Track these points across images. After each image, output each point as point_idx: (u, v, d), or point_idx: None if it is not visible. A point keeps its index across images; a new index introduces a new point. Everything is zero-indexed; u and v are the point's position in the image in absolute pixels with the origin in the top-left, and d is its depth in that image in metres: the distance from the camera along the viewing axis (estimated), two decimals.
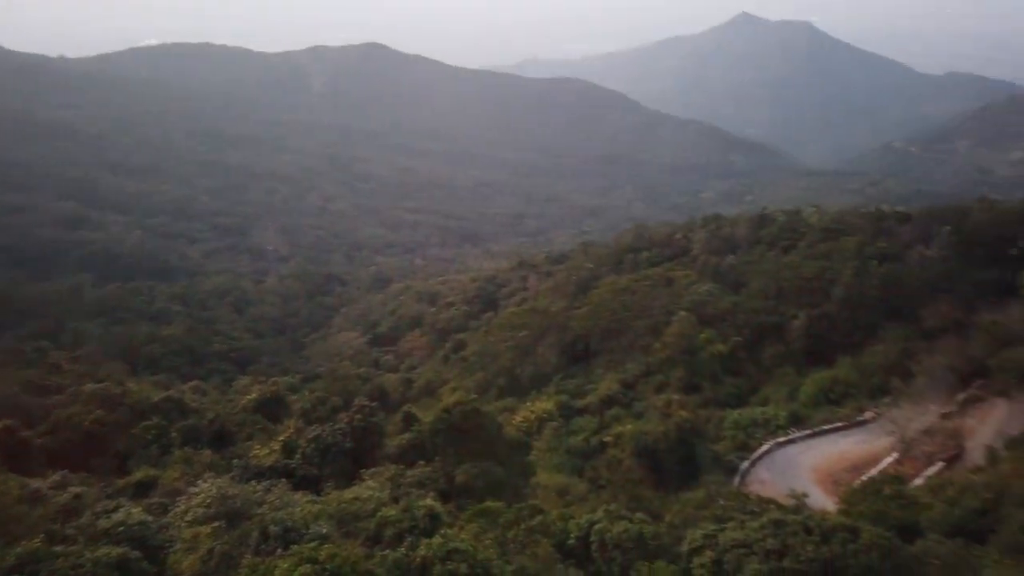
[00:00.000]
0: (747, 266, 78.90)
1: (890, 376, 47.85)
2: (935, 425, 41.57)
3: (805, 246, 79.29)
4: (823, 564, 17.74)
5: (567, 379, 69.52)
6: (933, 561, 19.20)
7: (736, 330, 62.68)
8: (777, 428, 45.06)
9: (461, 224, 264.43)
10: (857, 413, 45.57)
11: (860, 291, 61.20)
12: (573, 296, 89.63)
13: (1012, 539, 21.68)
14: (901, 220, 79.78)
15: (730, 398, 54.83)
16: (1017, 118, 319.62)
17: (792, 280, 67.77)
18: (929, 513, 25.79)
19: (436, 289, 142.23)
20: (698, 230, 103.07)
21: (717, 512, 24.44)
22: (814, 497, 31.98)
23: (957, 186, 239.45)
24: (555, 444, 47.63)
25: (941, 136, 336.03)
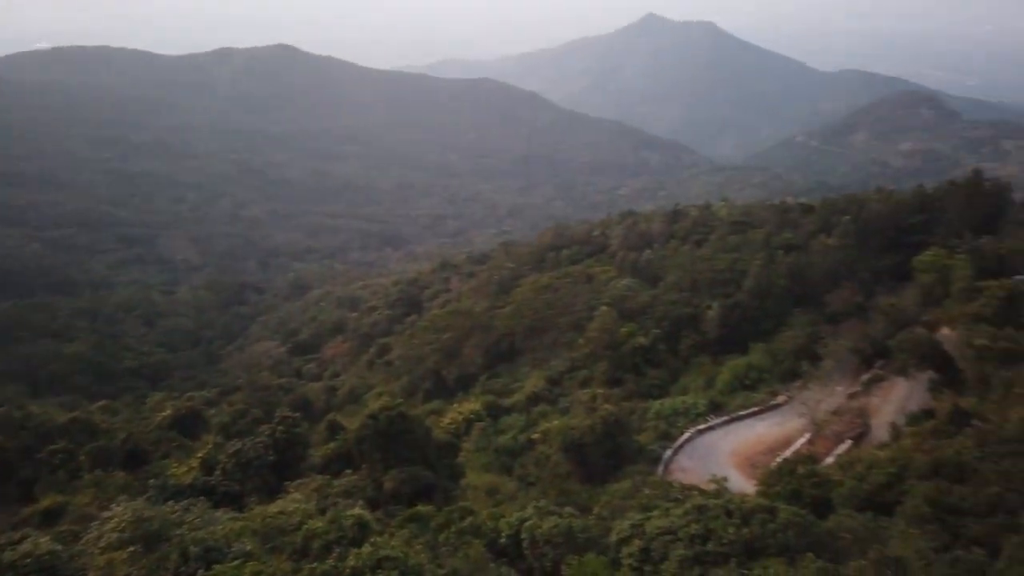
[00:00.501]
0: (663, 260, 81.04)
1: (799, 360, 50.07)
2: (842, 405, 43.81)
3: (716, 239, 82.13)
4: (744, 545, 18.44)
5: (493, 378, 69.70)
6: (845, 535, 20.21)
7: (655, 323, 64.24)
8: (697, 416, 46.45)
9: (381, 227, 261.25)
10: (771, 397, 47.48)
11: (769, 280, 63.79)
12: (496, 296, 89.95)
13: (915, 510, 23.05)
14: (804, 212, 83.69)
15: (652, 389, 56.18)
16: (906, 111, 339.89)
17: (705, 272, 70.00)
18: (840, 489, 27.13)
19: (358, 294, 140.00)
20: (615, 227, 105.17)
21: (643, 502, 25.05)
22: (734, 481, 33.16)
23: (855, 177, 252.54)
24: (484, 444, 47.69)
25: (839, 130, 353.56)
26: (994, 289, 47.47)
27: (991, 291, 47.40)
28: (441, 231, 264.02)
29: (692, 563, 17.73)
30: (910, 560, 17.34)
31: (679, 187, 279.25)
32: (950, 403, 35.48)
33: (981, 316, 45.76)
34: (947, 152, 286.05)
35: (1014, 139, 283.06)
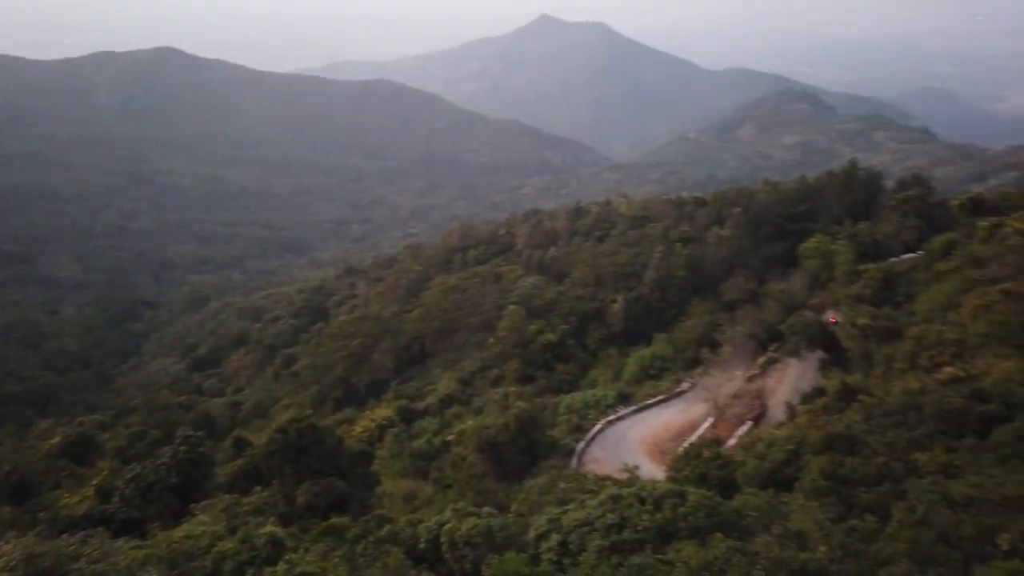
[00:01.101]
0: (568, 257, 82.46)
1: (700, 348, 52.14)
2: (742, 388, 45.90)
3: (618, 234, 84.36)
4: (658, 530, 19.05)
5: (405, 383, 69.06)
6: (750, 513, 21.18)
7: (563, 319, 65.32)
8: (607, 407, 47.54)
9: (281, 234, 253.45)
10: (675, 385, 49.16)
11: (668, 272, 66.04)
12: (404, 299, 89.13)
13: (812, 484, 24.42)
14: (699, 205, 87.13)
15: (563, 384, 57.11)
16: (787, 107, 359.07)
17: (609, 267, 71.76)
18: (743, 469, 28.40)
19: (260, 304, 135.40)
20: (520, 225, 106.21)
21: (559, 496, 25.44)
22: (644, 468, 34.16)
23: (743, 170, 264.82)
24: (398, 450, 47.20)
25: (727, 126, 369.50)
26: (872, 272, 50.90)
27: (870, 274, 50.81)
28: (345, 236, 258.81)
29: (609, 552, 18.15)
30: (810, 532, 18.37)
31: (580, 185, 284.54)
32: (838, 380, 37.72)
33: (862, 297, 48.99)
34: (825, 144, 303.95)
35: (884, 130, 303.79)
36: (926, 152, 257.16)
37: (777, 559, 14.90)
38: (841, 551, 16.95)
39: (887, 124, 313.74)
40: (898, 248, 58.94)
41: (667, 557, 16.68)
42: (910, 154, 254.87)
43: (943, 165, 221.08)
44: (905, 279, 50.93)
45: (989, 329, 37.46)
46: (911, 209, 63.12)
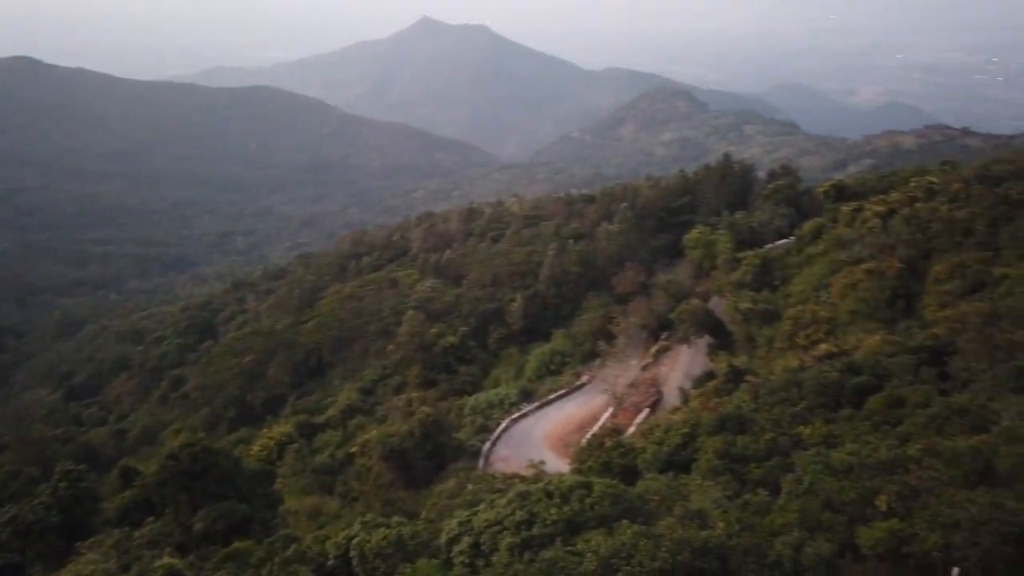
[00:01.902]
0: (464, 258, 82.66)
1: (597, 340, 53.52)
2: (638, 377, 47.48)
3: (512, 234, 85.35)
4: (567, 522, 19.44)
5: (304, 397, 67.20)
6: (652, 497, 21.96)
7: (463, 320, 65.43)
8: (511, 406, 48.03)
9: (161, 250, 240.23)
10: (575, 379, 50.26)
11: (562, 269, 67.43)
12: (298, 311, 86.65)
13: (708, 464, 25.60)
14: (587, 202, 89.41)
15: (466, 385, 57.21)
16: (664, 104, 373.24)
17: (505, 267, 72.48)
18: (644, 455, 29.40)
19: (141, 325, 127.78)
20: (414, 229, 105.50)
21: (468, 498, 25.49)
22: (550, 462, 34.75)
23: (627, 167, 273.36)
24: (300, 466, 45.85)
25: (609, 124, 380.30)
26: (751, 258, 53.81)
27: (748, 260, 53.70)
28: (230, 249, 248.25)
29: (521, 549, 18.37)
30: (709, 510, 19.28)
31: (472, 186, 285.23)
32: (726, 363, 39.70)
33: (743, 283, 51.72)
34: (700, 139, 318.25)
35: (753, 124, 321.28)
36: (792, 143, 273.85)
37: (680, 539, 15.54)
38: (738, 526, 17.85)
39: (756, 118, 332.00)
40: (772, 235, 62.59)
41: (577, 548, 17.06)
42: (778, 146, 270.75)
43: (808, 155, 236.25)
44: (780, 263, 54.18)
45: (856, 306, 40.43)
46: (782, 198, 67.15)
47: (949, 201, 43.99)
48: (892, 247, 43.22)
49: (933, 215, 43.34)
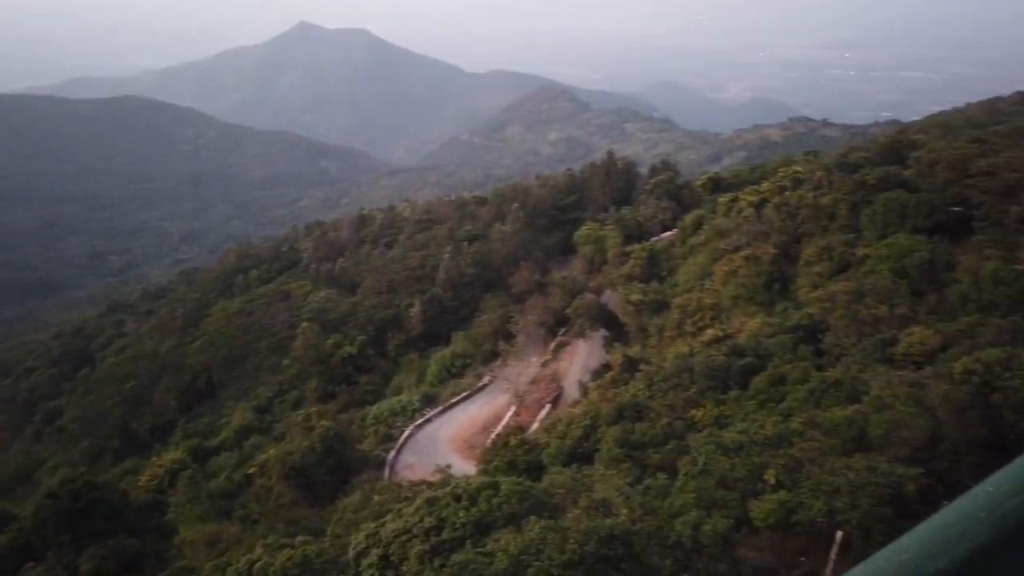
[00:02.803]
0: (358, 266, 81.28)
1: (497, 340, 53.91)
2: (538, 374, 48.20)
3: (405, 239, 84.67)
4: (476, 524, 19.53)
5: (194, 420, 64.15)
6: (558, 491, 22.40)
7: (360, 329, 64.32)
8: (414, 412, 47.63)
9: (25, 275, 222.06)
10: (477, 380, 50.44)
11: (458, 272, 67.50)
12: (183, 331, 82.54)
13: (609, 453, 26.37)
14: (480, 203, 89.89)
15: (367, 395, 56.27)
16: (548, 105, 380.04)
17: (400, 272, 71.81)
18: (548, 450, 29.93)
19: (6, 357, 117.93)
20: (304, 239, 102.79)
21: (375, 509, 25.14)
22: (457, 466, 34.71)
23: (516, 168, 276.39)
24: (194, 493, 43.72)
25: (496, 126, 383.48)
26: (638, 252, 55.72)
27: (636, 254, 55.58)
28: (103, 270, 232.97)
29: (431, 556, 18.30)
30: (612, 498, 19.86)
31: (361, 193, 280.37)
32: (621, 355, 40.93)
33: (632, 276, 53.47)
34: (585, 138, 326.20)
35: (633, 122, 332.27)
36: (670, 140, 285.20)
37: (586, 529, 15.93)
38: (640, 510, 18.50)
39: (635, 116, 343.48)
40: (657, 228, 65.02)
41: (487, 549, 17.17)
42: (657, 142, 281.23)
43: (685, 150, 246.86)
44: (666, 255, 56.40)
45: (737, 291, 42.64)
46: (664, 192, 69.83)
47: (814, 188, 47.11)
48: (766, 234, 45.86)
49: (801, 202, 46.27)
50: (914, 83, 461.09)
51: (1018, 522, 1.01)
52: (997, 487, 1.06)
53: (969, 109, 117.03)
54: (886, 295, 31.86)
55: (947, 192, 39.36)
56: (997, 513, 1.01)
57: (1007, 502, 1.02)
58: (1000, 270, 31.03)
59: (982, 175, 38.19)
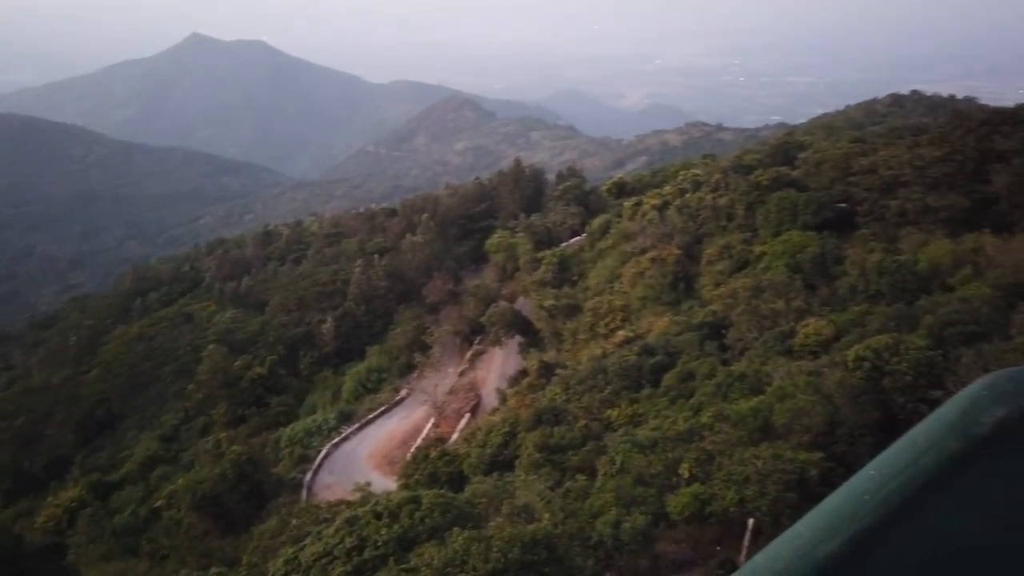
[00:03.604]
0: (265, 284, 78.92)
1: (412, 352, 53.49)
2: (456, 384, 48.09)
3: (314, 254, 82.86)
4: (398, 541, 19.29)
5: (94, 454, 60.62)
6: (480, 500, 22.41)
7: (270, 349, 62.49)
8: (330, 431, 46.60)
9: None
10: (394, 394, 49.86)
11: (370, 285, 66.60)
12: (78, 360, 77.81)
13: (529, 458, 26.59)
14: (389, 215, 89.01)
15: (280, 416, 54.61)
16: (454, 115, 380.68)
17: (310, 288, 70.22)
18: (469, 460, 29.90)
19: None
20: (206, 258, 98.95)
21: (293, 534, 24.44)
22: (377, 483, 34.17)
23: (424, 178, 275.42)
24: (97, 531, 41.34)
25: (402, 137, 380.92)
26: (549, 258, 56.56)
27: (547, 260, 56.40)
28: None
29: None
30: (534, 503, 20.04)
31: (265, 208, 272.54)
32: (537, 360, 41.41)
33: (545, 281, 54.22)
34: (492, 147, 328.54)
35: (538, 130, 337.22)
36: (575, 146, 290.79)
37: (509, 537, 16.02)
38: (562, 514, 18.74)
39: (540, 124, 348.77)
40: (567, 233, 66.14)
41: (411, 565, 17.01)
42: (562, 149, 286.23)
43: (589, 157, 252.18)
44: (576, 260, 57.48)
45: (645, 292, 43.92)
46: (571, 198, 71.14)
47: (712, 190, 49.12)
48: (670, 235, 47.45)
49: (701, 204, 48.16)
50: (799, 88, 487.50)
51: (899, 502, 1.07)
52: (879, 470, 1.11)
53: (849, 111, 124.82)
54: (783, 290, 33.53)
55: (833, 190, 41.84)
56: (880, 495, 1.07)
57: (888, 484, 1.07)
58: (884, 261, 33.20)
59: (863, 173, 40.81)
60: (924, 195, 37.05)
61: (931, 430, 1.14)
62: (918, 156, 38.61)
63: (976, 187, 36.83)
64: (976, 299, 26.31)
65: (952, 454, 1.09)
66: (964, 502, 1.10)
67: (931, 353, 22.32)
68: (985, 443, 1.09)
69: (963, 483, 1.09)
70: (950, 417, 1.13)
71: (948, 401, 1.16)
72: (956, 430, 1.11)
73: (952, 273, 31.03)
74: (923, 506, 1.08)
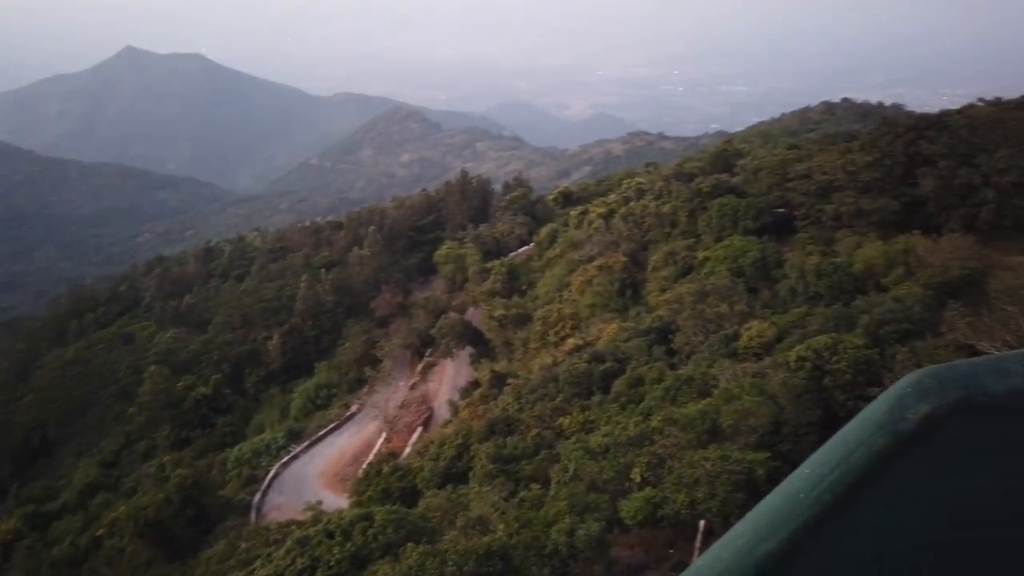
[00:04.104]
0: (207, 302, 77.05)
1: (362, 367, 52.89)
2: (407, 397, 47.72)
3: (258, 269, 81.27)
4: (351, 559, 19.00)
5: (29, 484, 58.07)
6: (434, 514, 22.27)
7: (214, 368, 61.00)
8: (279, 450, 45.72)
9: None
10: (344, 410, 49.21)
11: (317, 300, 65.64)
12: (10, 387, 74.62)
13: (483, 470, 26.52)
14: (335, 228, 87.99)
15: (227, 437, 53.37)
16: (399, 126, 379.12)
17: (255, 305, 68.82)
18: (422, 474, 29.67)
19: None
20: (145, 277, 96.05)
21: (242, 557, 23.88)
22: (328, 501, 33.64)
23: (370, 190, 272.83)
24: (34, 564, 39.64)
25: (347, 149, 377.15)
26: (498, 268, 56.69)
27: (496, 270, 56.51)
28: None
29: None
30: (488, 514, 20.00)
31: (206, 224, 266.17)
32: (488, 370, 41.40)
33: (494, 291, 54.30)
34: (438, 158, 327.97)
35: (483, 141, 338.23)
36: (520, 157, 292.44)
37: (464, 550, 15.96)
38: (517, 524, 18.75)
39: (485, 135, 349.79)
40: (515, 243, 66.41)
41: None
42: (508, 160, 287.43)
43: (535, 167, 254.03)
44: (525, 269, 57.73)
45: (594, 299, 44.40)
46: (519, 208, 71.48)
47: (656, 198, 50.00)
48: (616, 243, 48.10)
49: (645, 211, 48.95)
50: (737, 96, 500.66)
51: (832, 499, 1.10)
52: (813, 468, 1.15)
53: (784, 119, 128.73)
54: (726, 294, 34.30)
55: (771, 195, 43.04)
56: (814, 493, 1.10)
57: (821, 482, 1.11)
58: (821, 264, 34.30)
59: (799, 178, 42.11)
60: (857, 199, 38.39)
61: (861, 428, 1.16)
62: (850, 161, 40.01)
63: (905, 190, 38.36)
64: (909, 298, 27.36)
65: (881, 450, 1.11)
66: (893, 497, 1.12)
67: (868, 351, 23.10)
68: (911, 439, 1.11)
69: (892, 479, 1.12)
70: (878, 415, 1.15)
71: (876, 399, 1.19)
72: (884, 427, 1.13)
73: (885, 273, 32.23)
74: (855, 502, 1.10)
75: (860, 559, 1.13)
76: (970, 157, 37.13)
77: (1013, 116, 39.67)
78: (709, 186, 45.26)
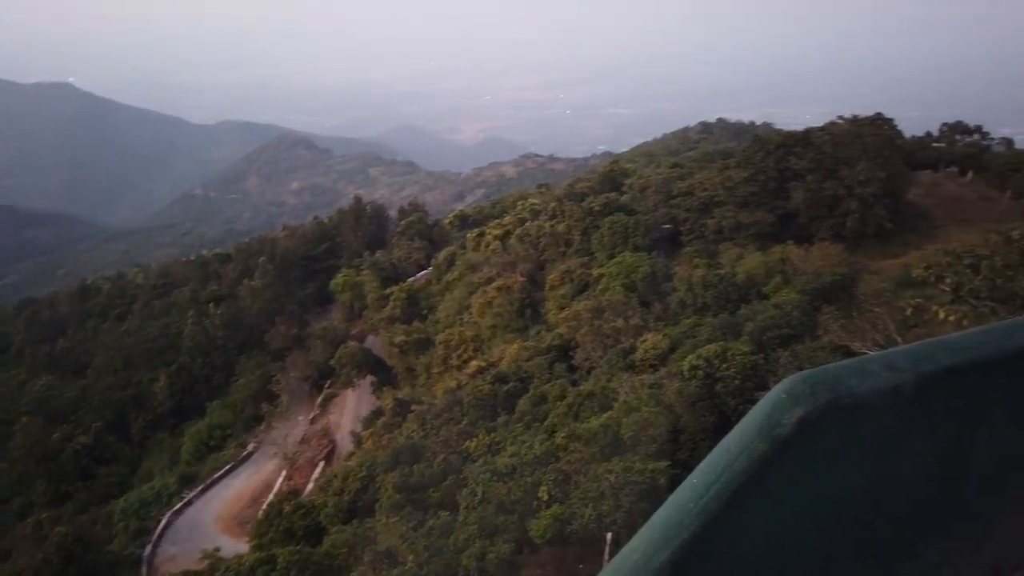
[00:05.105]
0: (84, 344, 72.18)
1: (259, 404, 50.91)
2: (308, 432, 46.27)
3: (141, 307, 76.93)
4: None
5: None
6: (341, 550, 21.65)
7: (95, 415, 57.08)
8: (171, 497, 43.21)
9: None
10: (241, 450, 47.14)
11: (207, 336, 62.83)
12: None
13: (390, 500, 25.98)
14: (223, 261, 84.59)
15: (112, 488, 49.94)
16: (287, 154, 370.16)
17: (139, 345, 65.13)
18: (326, 510, 28.77)
19: None
20: (13, 321, 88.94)
21: None
22: (227, 547, 32.05)
23: (259, 220, 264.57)
24: None
25: (232, 179, 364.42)
26: (397, 293, 56.12)
27: (395, 295, 55.92)
28: None
29: None
30: (397, 546, 19.63)
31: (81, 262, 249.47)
32: (391, 398, 40.76)
33: (394, 317, 53.66)
34: (330, 185, 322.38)
35: (376, 167, 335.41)
36: (415, 181, 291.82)
37: None
38: (426, 553, 18.50)
39: (378, 161, 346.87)
40: (413, 268, 66.00)
41: None
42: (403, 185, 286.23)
43: (430, 191, 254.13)
44: (424, 294, 57.40)
45: (494, 321, 44.64)
46: (415, 232, 71.18)
47: (550, 218, 50.99)
48: (514, 264, 48.66)
49: (540, 232, 49.81)
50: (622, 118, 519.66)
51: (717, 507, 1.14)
52: (699, 478, 1.19)
53: (666, 139, 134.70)
54: (621, 309, 35.30)
55: (658, 212, 44.81)
56: (702, 502, 1.15)
57: (708, 491, 1.16)
58: (707, 276, 35.92)
59: (682, 195, 44.10)
60: (736, 213, 40.57)
61: (741, 435, 1.21)
62: (728, 178, 42.28)
63: (779, 203, 40.87)
64: (787, 304, 29.06)
65: (760, 456, 1.17)
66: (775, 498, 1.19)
67: (754, 357, 24.34)
68: (787, 443, 1.18)
69: (773, 482, 1.18)
70: (757, 422, 1.21)
71: (755, 407, 1.25)
72: (762, 433, 1.19)
73: (766, 282, 34.12)
74: (740, 508, 1.15)
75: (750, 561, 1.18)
76: (834, 171, 40.04)
77: (869, 131, 43.12)
78: (600, 205, 46.61)
